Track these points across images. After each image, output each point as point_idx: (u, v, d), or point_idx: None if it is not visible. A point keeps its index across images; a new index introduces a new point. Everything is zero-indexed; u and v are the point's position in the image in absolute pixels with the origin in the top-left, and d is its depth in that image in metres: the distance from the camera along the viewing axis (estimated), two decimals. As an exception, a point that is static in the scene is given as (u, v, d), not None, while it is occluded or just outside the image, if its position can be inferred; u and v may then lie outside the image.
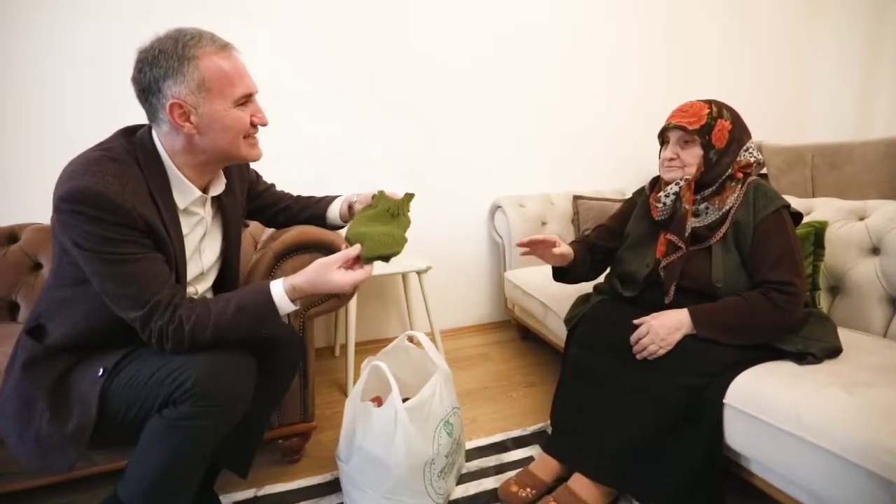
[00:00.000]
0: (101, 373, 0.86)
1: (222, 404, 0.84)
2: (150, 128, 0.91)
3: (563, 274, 1.41)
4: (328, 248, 1.21)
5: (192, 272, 0.98)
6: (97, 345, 0.90)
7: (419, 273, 1.93)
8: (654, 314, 1.15)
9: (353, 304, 1.77)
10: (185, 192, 0.92)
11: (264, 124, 0.94)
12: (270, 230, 1.43)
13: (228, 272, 1.11)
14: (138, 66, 0.84)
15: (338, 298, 1.25)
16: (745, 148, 1.19)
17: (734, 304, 1.11)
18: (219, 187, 1.01)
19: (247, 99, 0.90)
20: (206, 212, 1.01)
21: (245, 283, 1.19)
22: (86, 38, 1.73)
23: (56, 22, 1.70)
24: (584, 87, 2.52)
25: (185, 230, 0.94)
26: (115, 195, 0.79)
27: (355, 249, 0.93)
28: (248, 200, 1.21)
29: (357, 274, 0.92)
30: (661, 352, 1.10)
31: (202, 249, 1.02)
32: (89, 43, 1.73)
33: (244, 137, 0.92)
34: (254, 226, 1.75)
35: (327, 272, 0.91)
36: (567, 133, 2.52)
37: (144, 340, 0.85)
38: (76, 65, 1.73)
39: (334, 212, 1.25)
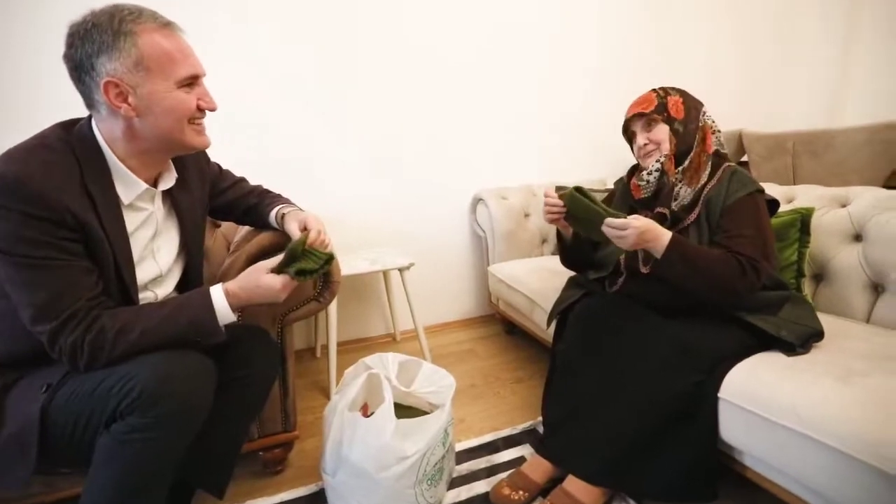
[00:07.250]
0: (44, 389, 0.79)
1: (175, 413, 0.76)
2: (89, 119, 0.84)
3: (567, 250, 1.41)
4: None
5: (148, 274, 0.92)
6: (41, 360, 0.81)
7: (401, 270, 1.87)
8: (639, 217, 1.08)
9: (333, 302, 1.70)
10: (129, 185, 0.85)
11: (212, 109, 0.88)
12: (245, 230, 1.35)
13: (191, 275, 1.03)
14: (69, 41, 0.77)
15: (317, 303, 1.18)
16: (702, 113, 1.24)
17: (708, 250, 1.11)
18: (169, 181, 0.94)
19: (192, 81, 0.84)
20: (156, 207, 0.93)
21: None
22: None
23: (54, 21, 1.58)
24: (566, 79, 2.48)
25: (130, 227, 0.87)
26: (38, 184, 0.73)
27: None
28: (212, 197, 1.13)
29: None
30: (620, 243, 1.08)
31: (156, 249, 0.94)
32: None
33: (189, 122, 0.85)
34: (226, 226, 1.67)
35: (257, 275, 0.89)
36: (550, 123, 2.48)
37: (55, 358, 0.77)
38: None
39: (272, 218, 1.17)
